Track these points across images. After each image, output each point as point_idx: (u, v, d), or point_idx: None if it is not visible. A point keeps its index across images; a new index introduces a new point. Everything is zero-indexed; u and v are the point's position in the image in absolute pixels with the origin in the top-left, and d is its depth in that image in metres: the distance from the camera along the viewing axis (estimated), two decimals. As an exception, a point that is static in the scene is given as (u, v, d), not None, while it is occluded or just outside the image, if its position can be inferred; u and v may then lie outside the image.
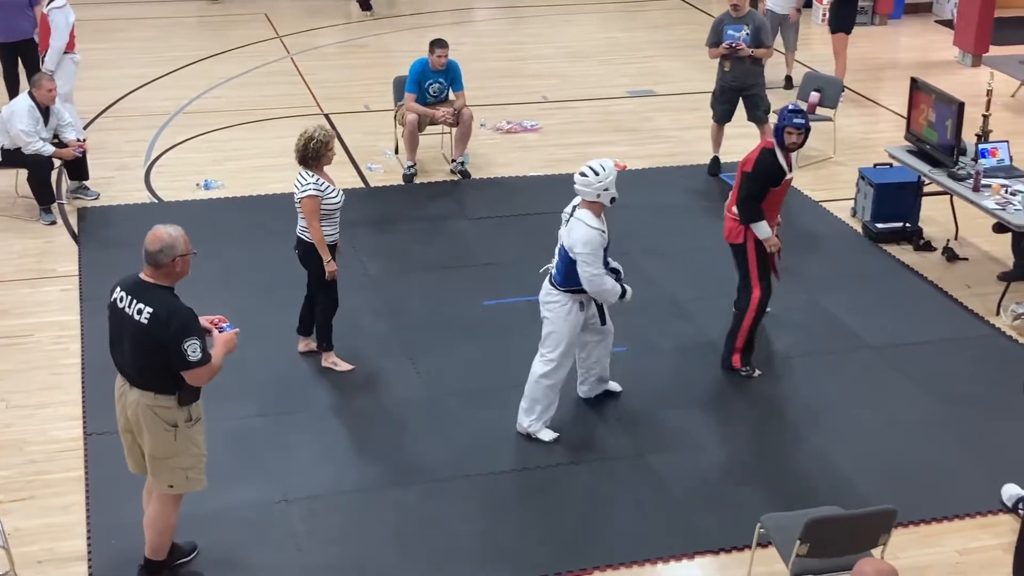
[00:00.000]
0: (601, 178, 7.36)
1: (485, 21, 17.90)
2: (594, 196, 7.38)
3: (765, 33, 11.57)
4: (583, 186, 7.39)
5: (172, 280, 5.94)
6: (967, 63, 15.68)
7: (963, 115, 9.86)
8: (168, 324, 5.77)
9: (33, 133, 10.44)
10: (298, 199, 8.03)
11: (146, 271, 5.93)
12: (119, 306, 5.93)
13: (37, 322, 9.04)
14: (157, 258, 5.87)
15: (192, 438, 6.06)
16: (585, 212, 7.40)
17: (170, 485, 6.11)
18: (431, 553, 6.70)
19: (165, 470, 6.06)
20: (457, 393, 8.22)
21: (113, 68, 14.85)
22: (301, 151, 8.04)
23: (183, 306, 5.89)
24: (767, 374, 8.50)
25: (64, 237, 10.45)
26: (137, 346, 5.85)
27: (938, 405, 8.19)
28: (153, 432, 5.96)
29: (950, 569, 6.70)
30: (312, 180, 7.98)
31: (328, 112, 13.47)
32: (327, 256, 8.09)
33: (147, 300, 5.83)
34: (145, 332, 5.79)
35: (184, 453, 6.04)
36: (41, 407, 7.99)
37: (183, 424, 5.99)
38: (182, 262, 5.92)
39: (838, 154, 12.43)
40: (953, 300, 9.60)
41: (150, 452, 6.02)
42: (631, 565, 6.63)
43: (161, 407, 5.92)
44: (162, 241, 5.87)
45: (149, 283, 5.90)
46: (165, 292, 5.90)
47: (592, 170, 7.38)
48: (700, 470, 7.47)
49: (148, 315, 5.79)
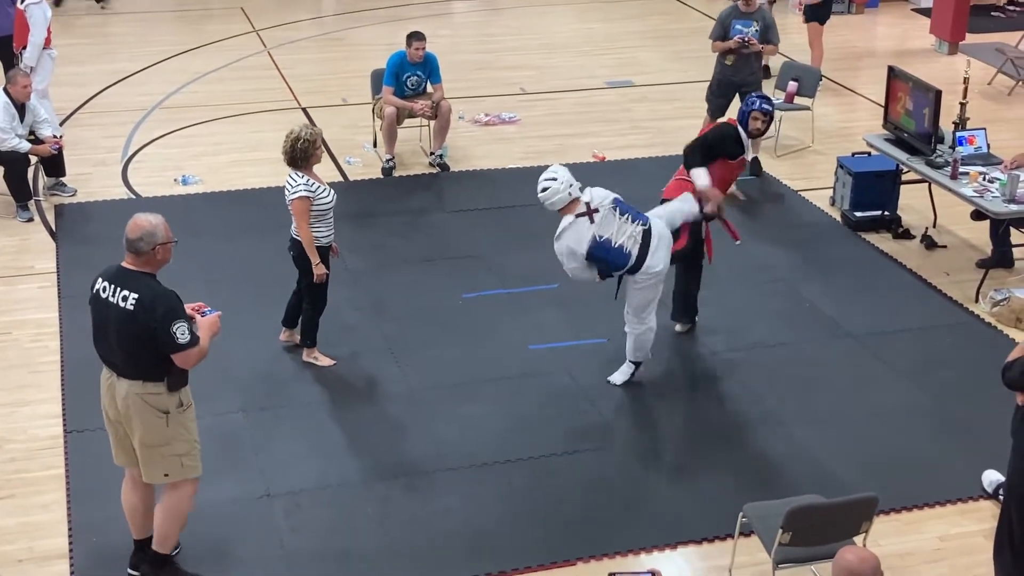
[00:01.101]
0: (561, 181, 7.58)
1: (462, 13, 17.86)
2: (567, 198, 7.60)
3: (773, 31, 11.45)
4: (552, 195, 7.59)
5: (154, 267, 5.94)
6: (944, 51, 15.73)
7: (940, 103, 9.88)
8: (154, 308, 5.77)
9: (9, 130, 10.38)
10: (289, 201, 7.91)
11: (128, 259, 5.92)
12: (102, 296, 5.91)
13: (15, 320, 9.00)
14: (138, 246, 5.87)
15: (184, 424, 6.05)
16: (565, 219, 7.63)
17: (165, 474, 6.08)
18: (415, 546, 6.69)
19: (158, 458, 6.03)
20: (438, 386, 8.22)
21: (89, 64, 14.76)
22: (289, 152, 7.91)
23: (167, 290, 5.90)
24: (748, 363, 8.52)
25: (41, 234, 10.39)
26: (124, 334, 5.83)
27: (918, 392, 8.23)
28: (145, 420, 5.94)
29: (931, 555, 6.73)
30: (302, 181, 7.88)
31: (306, 106, 13.43)
32: (316, 259, 7.99)
33: (131, 287, 5.83)
34: (131, 318, 5.79)
35: (177, 439, 6.02)
36: (20, 405, 7.95)
37: (175, 410, 5.97)
38: (163, 250, 5.93)
39: (816, 143, 12.46)
40: (932, 288, 9.64)
41: (142, 441, 5.99)
42: (614, 556, 6.63)
43: (151, 394, 5.90)
44: (143, 229, 5.87)
45: (132, 270, 5.90)
46: (148, 278, 5.90)
47: (550, 178, 7.60)
48: (682, 460, 7.49)
49: (133, 301, 5.79)
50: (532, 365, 8.45)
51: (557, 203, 7.60)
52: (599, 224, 7.60)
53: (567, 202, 7.60)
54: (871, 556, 4.70)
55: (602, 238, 7.60)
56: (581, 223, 7.62)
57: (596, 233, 7.59)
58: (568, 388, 8.20)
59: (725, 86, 11.60)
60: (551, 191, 7.58)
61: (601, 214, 7.63)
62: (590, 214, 7.62)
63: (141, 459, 6.08)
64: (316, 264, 8.00)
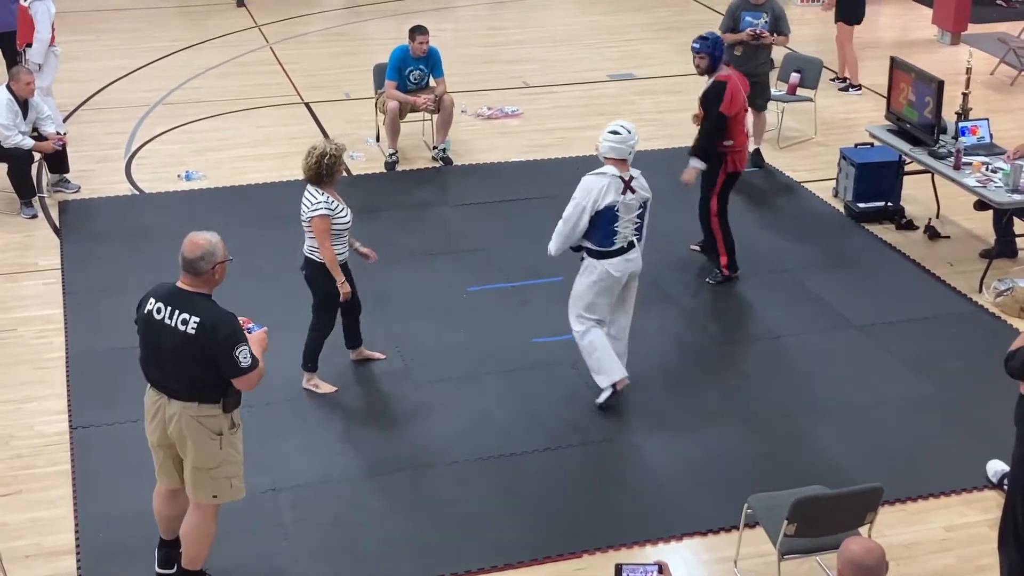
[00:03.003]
0: (633, 135, 7.56)
1: (465, 7, 17.85)
2: (627, 154, 7.53)
3: (783, 21, 11.39)
4: (619, 143, 7.50)
5: (211, 287, 5.81)
6: (946, 41, 15.71)
7: (943, 93, 9.88)
8: (216, 332, 5.65)
9: (12, 127, 10.39)
10: (308, 219, 7.55)
11: (184, 279, 5.78)
12: (156, 318, 5.76)
13: (20, 316, 9.01)
14: (198, 265, 5.73)
15: (235, 445, 5.95)
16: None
17: (214, 495, 5.97)
18: (419, 540, 6.71)
19: (209, 480, 5.92)
20: (443, 379, 8.23)
21: (92, 60, 14.77)
22: (314, 168, 7.52)
23: (227, 312, 5.78)
24: (752, 354, 8.52)
25: (46, 231, 10.40)
26: (182, 357, 5.70)
27: (922, 383, 8.23)
28: (199, 443, 5.82)
29: (937, 545, 6.74)
30: (323, 199, 7.54)
31: (309, 101, 13.44)
32: (340, 277, 7.70)
33: (191, 310, 5.70)
34: (192, 342, 5.65)
35: (228, 461, 5.92)
36: (26, 401, 7.97)
37: (227, 431, 5.87)
38: (221, 269, 5.80)
39: (819, 134, 12.45)
40: (936, 278, 9.63)
41: (195, 464, 5.87)
42: (619, 548, 6.64)
43: (206, 416, 5.79)
44: (203, 248, 5.73)
45: (189, 292, 5.76)
46: (206, 300, 5.77)
47: (625, 128, 7.55)
48: (686, 452, 7.49)
49: (195, 324, 5.65)
50: (536, 358, 8.46)
51: (612, 152, 7.51)
52: (625, 201, 7.53)
53: (619, 157, 7.52)
54: (876, 547, 4.71)
55: (616, 212, 7.51)
56: (617, 183, 7.49)
57: (617, 203, 7.50)
58: (572, 381, 8.20)
59: None
60: (621, 138, 7.49)
61: (635, 196, 7.57)
62: (628, 185, 7.53)
63: (192, 481, 5.95)
64: (342, 283, 7.74)
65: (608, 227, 7.53)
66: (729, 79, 9.17)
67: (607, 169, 7.54)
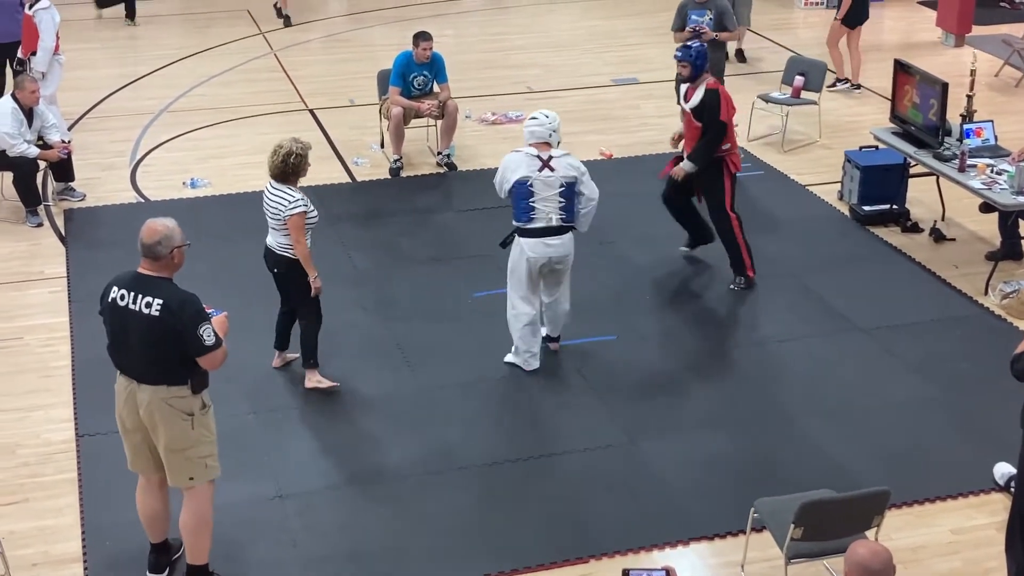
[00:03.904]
0: (552, 119, 8.05)
1: (468, 13, 17.87)
2: (546, 136, 8.02)
3: (728, 17, 11.63)
4: (536, 127, 8.03)
5: (171, 271, 5.96)
6: (950, 44, 15.70)
7: (947, 96, 9.88)
8: (182, 312, 5.80)
9: (17, 135, 10.41)
10: (286, 216, 7.64)
11: (144, 265, 5.92)
12: (120, 304, 5.90)
13: (26, 325, 9.02)
14: (156, 250, 5.87)
15: (207, 425, 6.09)
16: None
17: (191, 477, 6.10)
18: (426, 545, 6.71)
19: (183, 462, 6.05)
20: (448, 385, 8.23)
21: (96, 68, 14.80)
22: (280, 167, 7.66)
23: (189, 293, 5.93)
24: (758, 357, 8.52)
25: (51, 239, 10.42)
26: (148, 340, 5.84)
27: (928, 385, 8.22)
28: (170, 425, 5.95)
29: (944, 548, 6.73)
30: (300, 196, 7.67)
31: (313, 107, 13.45)
32: (314, 272, 7.82)
33: (153, 293, 5.84)
34: (158, 323, 5.79)
35: (201, 441, 6.06)
36: (32, 410, 7.98)
37: (199, 412, 6.01)
38: (179, 253, 5.95)
39: (823, 137, 12.45)
40: (941, 281, 9.62)
41: (167, 446, 6.00)
42: (626, 553, 6.64)
43: (176, 398, 5.93)
44: (160, 233, 5.88)
45: (150, 276, 5.90)
46: (168, 283, 5.92)
47: (544, 115, 8.08)
48: (692, 456, 7.48)
49: (159, 306, 5.80)
50: (542, 363, 8.45)
51: (531, 137, 8.04)
52: (541, 178, 7.93)
53: (539, 140, 8.02)
54: (883, 550, 4.70)
55: (529, 185, 7.92)
56: (532, 161, 7.97)
57: (530, 178, 7.92)
58: (578, 385, 8.21)
59: None
60: (538, 122, 8.04)
61: (554, 173, 7.95)
62: (545, 164, 7.96)
63: (167, 464, 6.08)
64: (315, 277, 7.83)
65: (523, 202, 7.94)
66: (718, 86, 9.33)
67: (524, 148, 8.04)
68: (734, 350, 8.66)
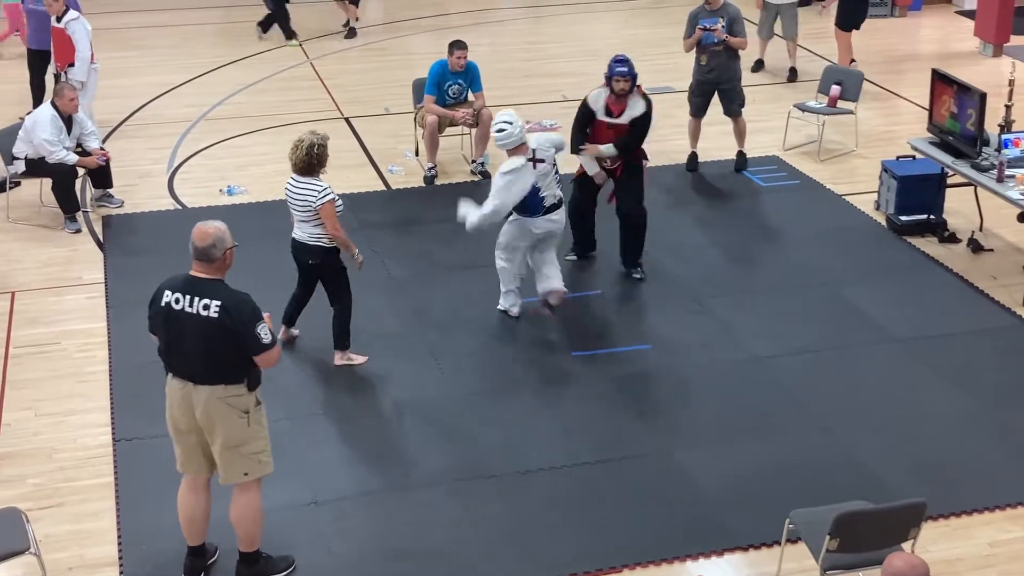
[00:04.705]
0: (515, 123, 8.57)
1: (503, 21, 17.90)
2: (520, 140, 8.59)
3: (739, 25, 11.59)
4: (506, 137, 8.55)
5: (223, 273, 6.05)
6: (988, 53, 15.59)
7: (985, 105, 9.82)
8: (239, 312, 5.90)
9: (56, 142, 10.50)
10: (317, 206, 7.93)
11: (197, 267, 6.00)
12: (175, 308, 5.96)
13: (64, 330, 9.10)
14: (210, 253, 5.96)
15: (260, 421, 6.19)
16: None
17: (245, 473, 6.19)
18: (459, 553, 6.71)
19: (238, 459, 6.14)
20: (481, 392, 8.24)
21: (135, 76, 14.91)
22: (305, 159, 7.94)
23: (244, 293, 6.05)
24: (794, 368, 8.48)
25: (89, 245, 10.51)
26: (207, 342, 5.92)
27: (965, 397, 8.16)
28: (227, 423, 6.04)
29: (981, 561, 6.67)
30: (327, 186, 7.97)
31: (348, 116, 13.51)
32: (354, 248, 8.19)
33: (209, 295, 5.92)
34: (216, 325, 5.88)
35: (256, 437, 6.16)
36: (69, 414, 8.04)
37: (253, 409, 6.11)
38: (231, 254, 6.06)
39: (860, 147, 12.38)
40: (979, 292, 9.55)
41: (224, 444, 6.08)
42: (660, 563, 6.62)
43: (233, 396, 6.02)
44: (212, 236, 5.97)
45: (204, 279, 5.99)
46: (222, 284, 6.01)
47: (506, 122, 8.57)
48: (728, 466, 7.45)
49: (217, 308, 5.88)
50: (575, 371, 8.45)
51: (511, 144, 8.58)
52: (538, 173, 8.60)
53: (518, 144, 8.59)
54: (920, 562, 4.67)
55: (536, 187, 8.60)
56: (528, 170, 8.56)
57: (536, 183, 8.58)
58: (612, 394, 8.19)
59: (703, 85, 11.72)
60: (507, 133, 8.54)
61: (544, 166, 8.63)
62: (535, 162, 8.58)
63: (222, 462, 6.16)
64: (357, 252, 8.21)
65: (534, 198, 8.64)
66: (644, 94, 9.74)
67: (514, 161, 8.56)
68: (769, 359, 8.62)
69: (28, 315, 9.30)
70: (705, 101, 11.75)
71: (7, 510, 6.35)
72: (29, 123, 10.62)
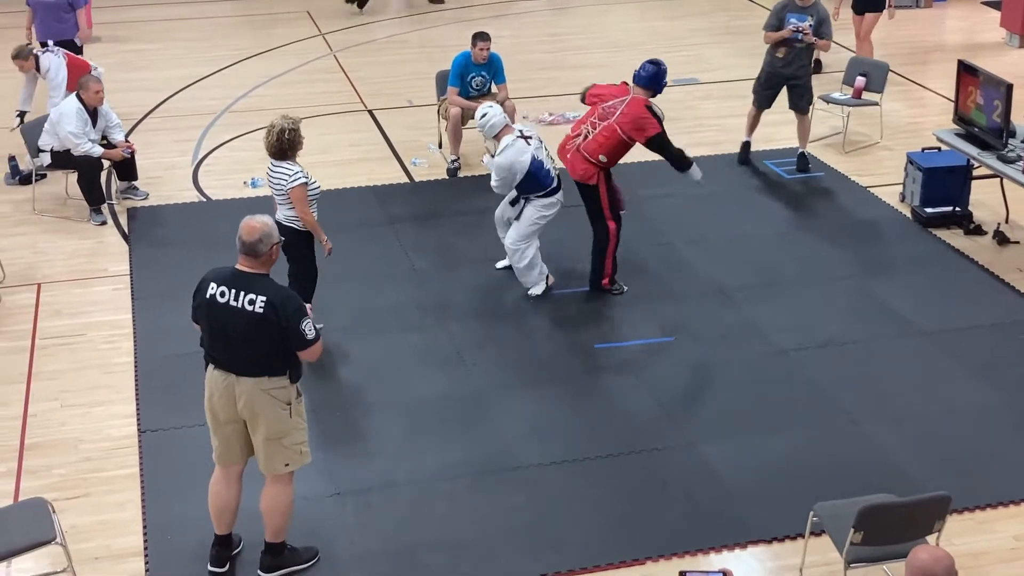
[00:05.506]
0: (496, 111, 9.02)
1: (527, 13, 17.88)
2: (503, 122, 9.00)
3: (827, 26, 11.38)
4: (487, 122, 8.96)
5: (268, 267, 6.09)
6: (1015, 44, 15.50)
7: (1012, 97, 9.75)
8: (285, 308, 5.94)
9: (81, 135, 10.55)
10: (288, 189, 8.07)
11: (243, 262, 6.04)
12: (220, 301, 6.01)
13: (89, 322, 9.15)
14: (258, 248, 6.01)
15: (301, 413, 6.24)
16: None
17: (286, 464, 6.24)
18: (482, 544, 6.72)
19: (281, 450, 6.18)
20: (504, 385, 8.24)
21: (159, 69, 14.97)
22: (276, 145, 8.09)
23: (289, 289, 6.16)
24: (819, 360, 8.45)
25: (114, 237, 10.56)
26: (252, 335, 5.96)
27: (991, 390, 8.12)
28: (270, 414, 6.09)
29: (1006, 555, 6.64)
30: (299, 169, 8.09)
31: (372, 108, 13.53)
32: (323, 236, 8.28)
33: (255, 290, 5.97)
34: (262, 320, 5.92)
35: (296, 429, 6.20)
36: (95, 405, 8.09)
37: (295, 401, 6.16)
38: (276, 249, 6.11)
39: (885, 139, 12.33)
40: (1005, 284, 9.50)
41: (267, 435, 6.13)
42: (683, 555, 6.62)
43: (276, 388, 6.06)
44: (259, 231, 6.02)
45: (250, 273, 6.03)
46: (268, 279, 6.06)
47: (483, 113, 9.00)
48: (750, 458, 7.44)
49: (263, 303, 5.93)
50: (598, 364, 8.45)
51: (495, 127, 8.97)
52: (534, 148, 8.94)
53: (503, 126, 8.98)
54: (945, 555, 4.65)
55: (537, 159, 8.92)
56: (521, 143, 8.91)
57: (534, 154, 8.91)
58: (634, 387, 8.19)
59: (774, 78, 11.58)
60: (489, 117, 8.97)
61: (534, 142, 8.99)
62: (525, 139, 8.95)
63: (264, 453, 6.20)
64: (325, 240, 8.28)
65: (542, 170, 8.99)
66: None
67: (506, 140, 8.90)
68: (794, 352, 8.60)
69: (54, 307, 9.36)
70: (774, 94, 11.63)
71: (33, 500, 6.39)
72: (55, 116, 10.68)
